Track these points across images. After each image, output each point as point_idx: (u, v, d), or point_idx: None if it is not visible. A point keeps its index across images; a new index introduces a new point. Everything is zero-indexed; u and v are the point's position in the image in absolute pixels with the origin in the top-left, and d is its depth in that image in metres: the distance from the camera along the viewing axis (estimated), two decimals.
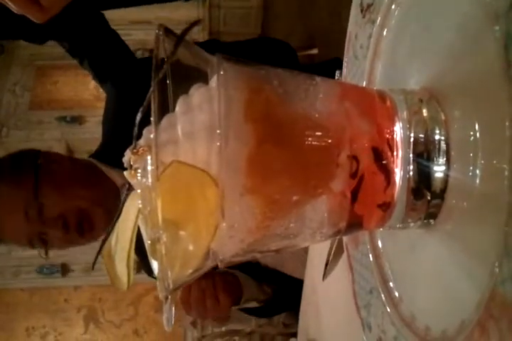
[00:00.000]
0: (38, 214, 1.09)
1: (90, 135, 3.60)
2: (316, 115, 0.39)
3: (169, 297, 0.39)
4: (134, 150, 0.40)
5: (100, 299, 3.47)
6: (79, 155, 3.84)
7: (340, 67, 0.62)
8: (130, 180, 0.42)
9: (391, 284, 0.48)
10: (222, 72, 0.40)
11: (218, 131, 0.37)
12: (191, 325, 1.72)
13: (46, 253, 1.11)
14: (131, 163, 0.41)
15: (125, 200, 0.43)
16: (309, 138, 0.38)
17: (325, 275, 0.71)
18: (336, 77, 0.69)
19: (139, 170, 0.41)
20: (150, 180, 0.35)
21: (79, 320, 3.53)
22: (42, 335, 3.47)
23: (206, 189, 0.37)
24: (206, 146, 0.38)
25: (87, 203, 1.13)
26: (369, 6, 0.54)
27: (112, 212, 1.19)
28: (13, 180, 1.12)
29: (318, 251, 0.89)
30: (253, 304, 1.34)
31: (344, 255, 0.62)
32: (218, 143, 0.37)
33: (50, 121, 3.91)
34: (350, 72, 0.59)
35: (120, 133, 1.24)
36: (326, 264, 0.70)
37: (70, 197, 1.12)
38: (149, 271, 1.34)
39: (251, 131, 0.38)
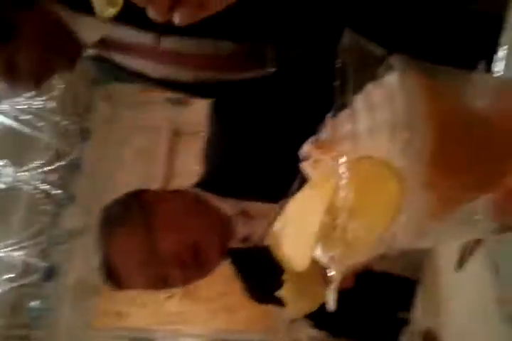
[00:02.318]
0: (155, 257, 1.07)
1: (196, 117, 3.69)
2: (496, 112, 0.41)
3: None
4: (316, 143, 0.43)
5: None
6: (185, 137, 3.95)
7: None
8: (308, 170, 0.45)
9: None
10: (403, 72, 0.42)
11: (402, 128, 0.40)
12: None
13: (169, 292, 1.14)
14: (312, 154, 0.44)
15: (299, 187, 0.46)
16: (491, 135, 0.40)
17: (460, 266, 0.71)
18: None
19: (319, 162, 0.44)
20: (341, 170, 0.38)
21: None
22: (143, 305, 3.64)
23: (388, 183, 0.39)
24: (389, 142, 0.41)
25: (198, 237, 1.10)
26: None
27: (225, 240, 1.14)
28: (127, 230, 1.10)
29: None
30: None
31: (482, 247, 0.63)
32: (402, 139, 0.40)
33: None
34: None
35: (230, 162, 1.18)
36: (462, 255, 0.71)
37: (182, 234, 1.09)
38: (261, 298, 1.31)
39: (434, 128, 0.40)
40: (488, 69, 0.64)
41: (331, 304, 0.45)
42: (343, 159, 0.39)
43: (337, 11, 0.98)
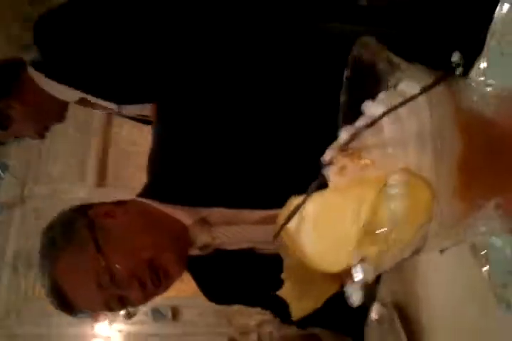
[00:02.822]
0: (110, 279, 1.00)
1: None
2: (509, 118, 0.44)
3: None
4: (343, 150, 0.45)
5: None
6: None
7: None
8: (332, 176, 0.47)
9: None
10: (424, 83, 0.44)
11: (431, 139, 0.42)
12: None
13: (129, 314, 1.07)
14: (337, 161, 0.45)
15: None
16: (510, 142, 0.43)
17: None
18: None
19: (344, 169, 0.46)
20: (391, 181, 0.40)
21: None
22: None
23: (424, 192, 0.42)
24: (417, 152, 0.43)
25: (154, 253, 1.03)
26: None
27: (183, 252, 1.06)
28: (74, 250, 1.04)
29: None
30: None
31: None
32: (431, 150, 0.42)
33: None
34: None
35: (177, 168, 1.04)
36: None
37: (136, 252, 1.02)
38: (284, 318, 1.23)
39: (461, 139, 0.42)
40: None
41: (356, 301, 0.48)
42: (392, 171, 0.41)
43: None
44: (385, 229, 0.41)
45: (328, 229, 0.47)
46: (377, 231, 0.41)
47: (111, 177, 3.86)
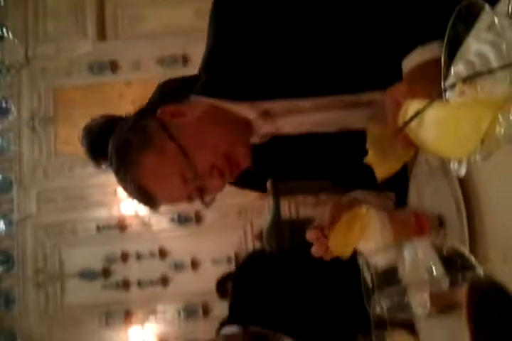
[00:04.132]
0: (194, 173, 1.06)
1: None
2: None
3: None
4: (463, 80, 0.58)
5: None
6: None
7: None
8: (453, 98, 0.61)
9: None
10: None
11: None
12: None
13: (204, 202, 1.11)
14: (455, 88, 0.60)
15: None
16: None
17: None
18: None
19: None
20: None
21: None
22: None
23: None
24: None
25: (229, 146, 1.09)
26: None
27: (249, 144, 1.13)
28: (154, 152, 1.08)
29: None
30: None
31: None
32: None
33: None
34: None
35: (235, 63, 1.06)
36: None
37: (214, 146, 1.08)
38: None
39: None
40: None
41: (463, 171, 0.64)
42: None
43: None
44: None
45: (449, 132, 0.63)
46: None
47: (110, 30, 3.84)
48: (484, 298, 0.52)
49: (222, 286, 3.07)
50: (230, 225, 3.66)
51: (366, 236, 0.85)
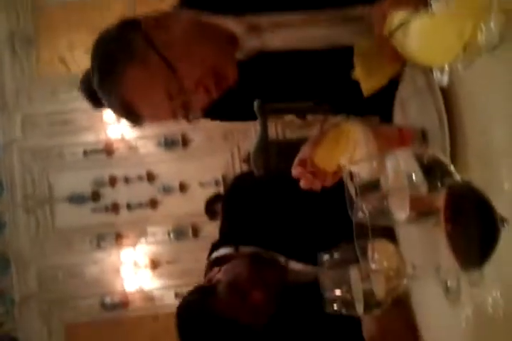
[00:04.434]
0: (179, 87, 1.03)
1: None
2: None
3: None
4: None
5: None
6: None
7: None
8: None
9: None
10: None
11: None
12: None
13: (189, 120, 1.07)
14: None
15: None
16: None
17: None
18: None
19: None
20: None
21: None
22: (86, 50, 3.70)
23: None
24: None
25: (216, 59, 1.07)
26: None
27: (234, 57, 1.09)
28: (138, 64, 1.04)
29: None
30: None
31: None
32: None
33: None
34: None
35: None
36: None
37: (200, 59, 1.05)
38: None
39: None
40: None
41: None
42: None
43: None
44: None
45: (433, 41, 0.64)
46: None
47: None
48: (461, 201, 0.55)
49: (210, 207, 3.14)
50: (217, 148, 3.68)
51: (351, 151, 0.87)
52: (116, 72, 1.05)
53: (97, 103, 1.12)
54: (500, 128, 0.62)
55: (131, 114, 1.09)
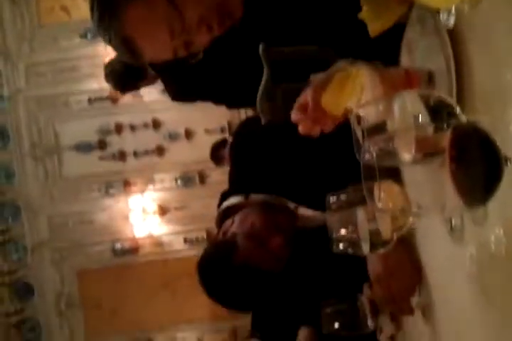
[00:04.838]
0: (182, 25, 1.01)
1: None
2: None
3: None
4: None
5: None
6: None
7: None
8: None
9: None
10: None
11: None
12: None
13: (192, 58, 1.06)
14: None
15: None
16: None
17: None
18: None
19: None
20: None
21: None
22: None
23: None
24: None
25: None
26: None
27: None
28: (144, 4, 1.02)
29: None
30: None
31: None
32: None
33: None
34: None
35: None
36: None
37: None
38: None
39: None
40: None
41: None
42: None
43: None
44: None
45: None
46: None
47: None
48: (466, 141, 0.56)
49: (216, 153, 3.14)
50: None
51: (358, 94, 0.87)
52: (117, 5, 1.03)
53: (124, 88, 1.12)
54: (508, 70, 0.62)
55: (131, 51, 1.07)
